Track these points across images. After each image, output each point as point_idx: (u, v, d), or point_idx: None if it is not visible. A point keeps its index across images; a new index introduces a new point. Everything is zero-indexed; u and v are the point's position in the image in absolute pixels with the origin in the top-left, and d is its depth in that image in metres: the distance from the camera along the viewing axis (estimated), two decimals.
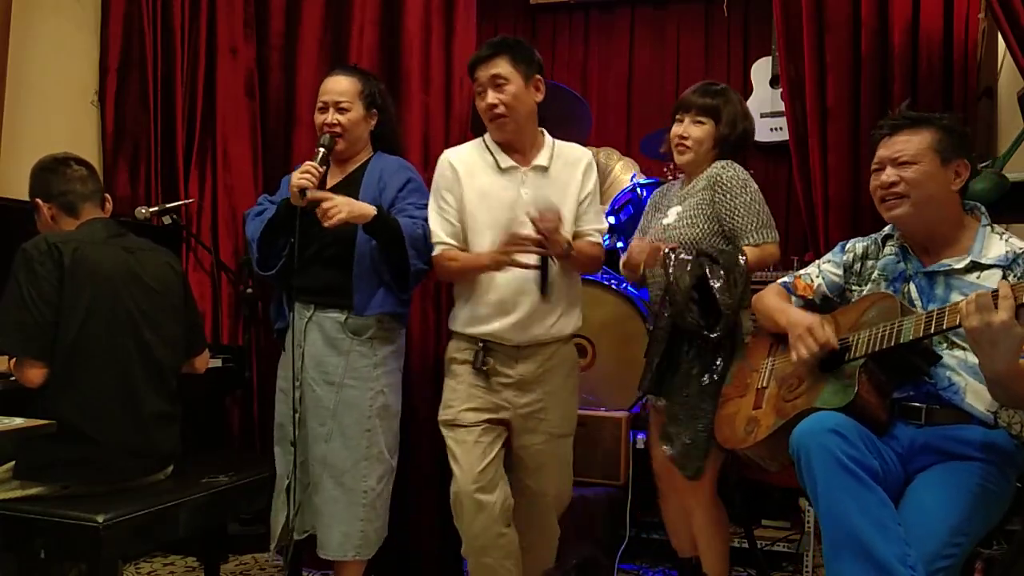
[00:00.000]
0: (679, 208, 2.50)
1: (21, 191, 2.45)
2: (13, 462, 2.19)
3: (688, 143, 2.48)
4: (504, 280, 2.34)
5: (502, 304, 2.35)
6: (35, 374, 2.12)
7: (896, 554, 1.63)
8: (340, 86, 2.56)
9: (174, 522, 2.18)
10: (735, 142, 2.49)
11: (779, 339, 2.17)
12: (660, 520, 2.77)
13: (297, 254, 2.46)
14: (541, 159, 2.42)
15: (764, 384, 2.14)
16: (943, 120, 1.99)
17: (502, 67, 2.33)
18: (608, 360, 3.15)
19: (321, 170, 2.42)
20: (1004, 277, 1.88)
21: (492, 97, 2.34)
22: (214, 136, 3.50)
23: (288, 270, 2.49)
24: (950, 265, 1.95)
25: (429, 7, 3.24)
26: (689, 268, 2.30)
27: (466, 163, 2.42)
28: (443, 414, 2.43)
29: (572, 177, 2.42)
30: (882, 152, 2.02)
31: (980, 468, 1.79)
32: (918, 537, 1.67)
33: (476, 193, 2.39)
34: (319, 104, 2.59)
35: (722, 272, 2.29)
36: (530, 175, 2.40)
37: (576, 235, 2.42)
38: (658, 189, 2.76)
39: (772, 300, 2.22)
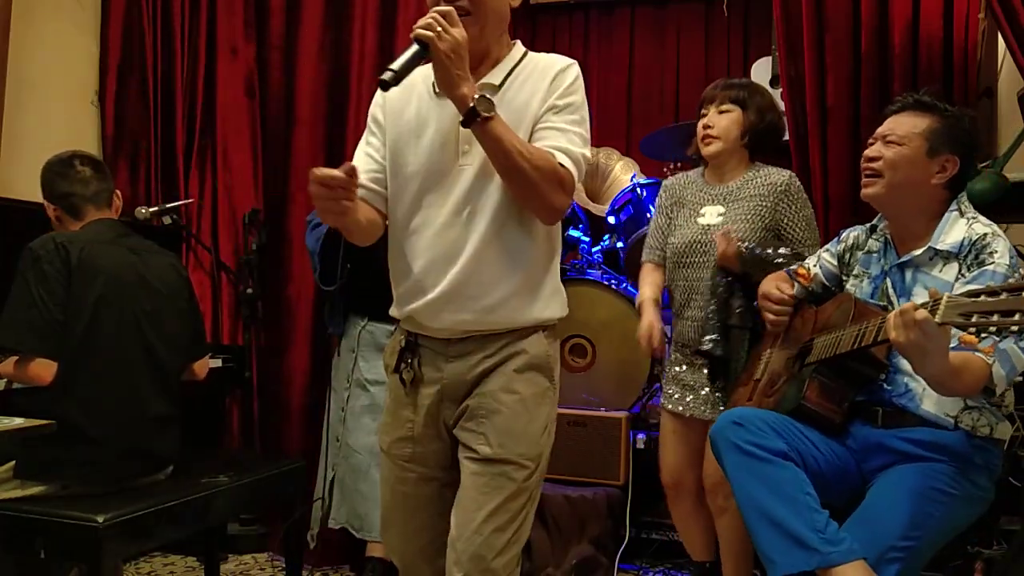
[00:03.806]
0: (721, 208, 2.39)
1: (21, 191, 2.46)
2: (13, 462, 2.19)
3: (714, 132, 2.37)
4: (425, 243, 1.71)
5: (423, 277, 1.71)
6: (47, 372, 2.12)
7: (805, 522, 1.68)
8: None
9: (174, 522, 2.17)
10: (764, 133, 2.38)
11: (782, 330, 2.18)
12: (660, 520, 2.77)
13: (350, 268, 2.55)
14: (493, 75, 1.71)
15: (760, 376, 2.16)
16: (948, 111, 1.94)
17: None
18: (608, 360, 3.15)
19: None
20: (960, 267, 1.85)
21: None
22: (214, 136, 3.50)
23: (344, 285, 2.62)
24: (913, 254, 1.93)
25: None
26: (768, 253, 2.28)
27: (403, 88, 1.67)
28: (380, 439, 1.86)
29: (536, 90, 1.69)
30: (878, 130, 1.98)
31: (935, 470, 1.79)
32: (868, 539, 1.69)
33: (405, 126, 1.74)
34: None
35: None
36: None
37: None
38: (673, 181, 2.57)
39: (767, 282, 2.20)
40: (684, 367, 2.44)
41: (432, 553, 1.75)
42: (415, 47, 1.57)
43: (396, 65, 1.55)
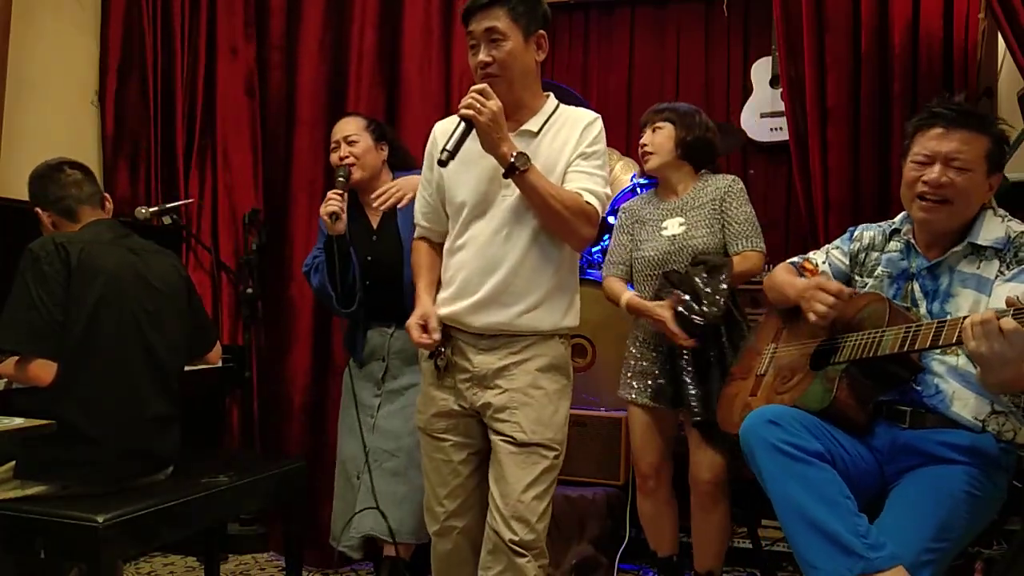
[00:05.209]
0: (681, 219, 2.55)
1: (21, 191, 2.45)
2: (13, 462, 2.19)
3: (650, 148, 2.61)
4: (469, 256, 2.11)
5: (465, 284, 2.10)
6: (46, 373, 2.12)
7: (846, 526, 1.64)
8: (347, 126, 2.78)
9: (174, 522, 2.18)
10: (695, 144, 2.57)
11: (785, 324, 2.16)
12: None
13: (369, 284, 2.69)
14: (531, 123, 2.12)
15: (763, 371, 2.14)
16: (995, 129, 1.91)
17: (499, 20, 2.02)
18: (608, 360, 3.15)
19: (343, 194, 2.60)
20: (1000, 264, 1.85)
21: (485, 54, 2.04)
22: (214, 136, 3.50)
23: (359, 300, 2.70)
24: (951, 250, 1.92)
25: (429, 8, 3.25)
26: (688, 273, 2.44)
27: (448, 132, 2.08)
28: (416, 418, 2.26)
29: (568, 139, 2.11)
30: (934, 145, 1.88)
31: (964, 472, 1.77)
32: (902, 542, 1.66)
33: (456, 163, 2.07)
34: (331, 146, 2.80)
35: (706, 272, 2.42)
36: (514, 140, 2.05)
37: None
38: (630, 203, 2.76)
39: (781, 275, 2.19)
40: (647, 361, 2.57)
41: (461, 513, 2.15)
42: (462, 124, 1.97)
43: (450, 145, 1.97)
